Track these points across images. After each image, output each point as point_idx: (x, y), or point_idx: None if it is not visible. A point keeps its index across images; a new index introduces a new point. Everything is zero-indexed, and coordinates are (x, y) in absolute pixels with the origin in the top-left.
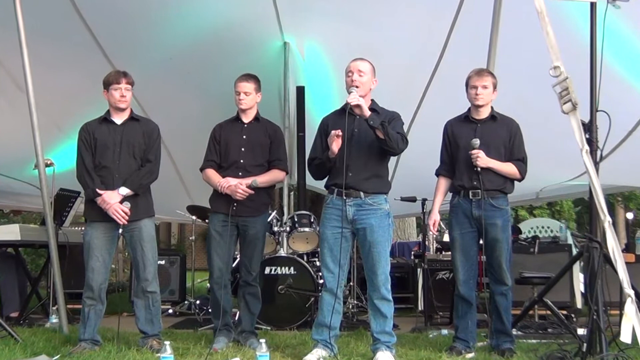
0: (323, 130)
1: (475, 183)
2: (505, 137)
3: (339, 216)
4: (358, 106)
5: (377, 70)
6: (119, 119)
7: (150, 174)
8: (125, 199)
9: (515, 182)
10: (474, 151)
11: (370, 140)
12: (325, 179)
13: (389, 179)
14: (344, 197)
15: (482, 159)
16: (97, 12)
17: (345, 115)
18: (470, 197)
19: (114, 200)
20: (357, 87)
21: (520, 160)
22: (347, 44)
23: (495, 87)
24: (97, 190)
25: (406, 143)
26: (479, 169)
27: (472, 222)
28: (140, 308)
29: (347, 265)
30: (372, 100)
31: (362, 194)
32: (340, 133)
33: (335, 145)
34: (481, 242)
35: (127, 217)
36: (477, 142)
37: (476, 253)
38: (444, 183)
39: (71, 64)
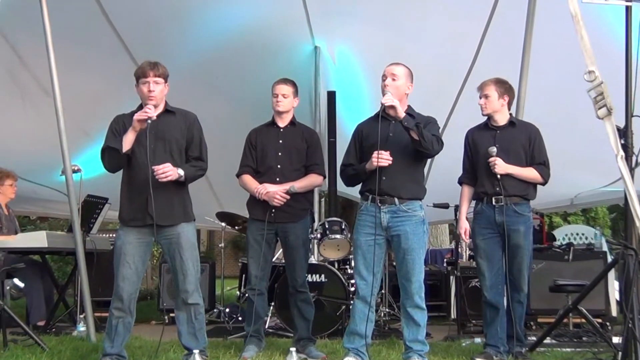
0: (357, 137)
1: (497, 189)
2: (524, 142)
3: (373, 223)
4: (392, 107)
5: None
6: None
7: (202, 170)
8: (164, 192)
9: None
10: (491, 159)
11: (405, 144)
12: (357, 185)
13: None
14: (378, 204)
15: (500, 166)
16: (124, 14)
17: (379, 120)
18: (494, 203)
19: (172, 168)
20: (390, 92)
21: (542, 164)
22: (379, 49)
23: (502, 95)
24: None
25: (441, 145)
26: (498, 176)
27: (496, 228)
28: (182, 322)
29: (381, 273)
30: (408, 105)
31: (396, 200)
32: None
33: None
34: None
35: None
36: (494, 150)
37: (501, 258)
38: (467, 191)
39: (98, 68)
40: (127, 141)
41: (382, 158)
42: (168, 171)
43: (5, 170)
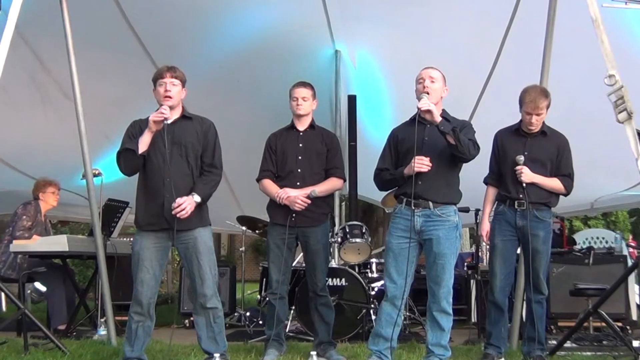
0: (392, 142)
1: (521, 196)
2: (552, 152)
3: (406, 226)
4: (429, 112)
5: None
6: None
7: (216, 182)
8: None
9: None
10: (518, 167)
11: (441, 148)
12: (391, 189)
13: None
14: (413, 208)
15: (526, 175)
16: (145, 19)
17: (414, 124)
18: (516, 207)
19: (189, 202)
20: (428, 93)
21: (567, 176)
22: (399, 53)
23: (547, 109)
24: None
25: (477, 149)
26: (524, 184)
27: (515, 230)
28: (201, 326)
29: (412, 277)
30: (443, 109)
31: (431, 204)
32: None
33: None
34: (518, 251)
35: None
36: (521, 159)
37: (514, 261)
38: (492, 192)
39: (119, 72)
40: (143, 142)
41: (422, 163)
42: (186, 207)
43: (49, 179)
